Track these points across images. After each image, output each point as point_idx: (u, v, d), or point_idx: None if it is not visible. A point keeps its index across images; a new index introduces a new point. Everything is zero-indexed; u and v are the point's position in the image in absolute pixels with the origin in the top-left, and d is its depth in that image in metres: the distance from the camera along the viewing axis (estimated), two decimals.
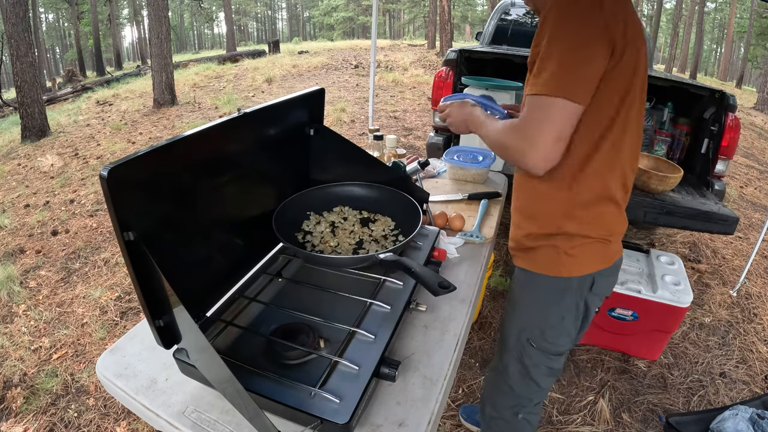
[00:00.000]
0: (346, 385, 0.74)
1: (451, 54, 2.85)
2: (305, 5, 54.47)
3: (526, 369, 1.16)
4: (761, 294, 2.76)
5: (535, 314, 1.11)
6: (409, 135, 5.56)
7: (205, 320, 0.89)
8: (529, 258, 1.08)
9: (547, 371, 1.16)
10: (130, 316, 2.44)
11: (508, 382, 1.21)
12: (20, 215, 3.73)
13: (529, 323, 1.13)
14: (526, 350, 1.14)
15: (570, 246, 1.01)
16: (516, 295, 1.16)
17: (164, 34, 7.20)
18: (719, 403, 1.92)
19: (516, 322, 1.15)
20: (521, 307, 1.14)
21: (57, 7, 26.37)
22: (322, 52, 13.60)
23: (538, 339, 1.11)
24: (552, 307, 1.08)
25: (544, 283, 1.06)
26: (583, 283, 1.04)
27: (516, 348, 1.16)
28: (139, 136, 5.85)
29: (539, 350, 1.12)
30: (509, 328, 1.18)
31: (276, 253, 1.13)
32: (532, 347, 1.13)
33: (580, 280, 1.04)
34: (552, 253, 1.03)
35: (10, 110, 8.69)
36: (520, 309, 1.14)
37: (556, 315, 1.08)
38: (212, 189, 0.91)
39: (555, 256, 1.02)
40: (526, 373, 1.16)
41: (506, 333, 1.19)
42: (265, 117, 0.99)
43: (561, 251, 1.01)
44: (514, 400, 1.23)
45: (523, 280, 1.12)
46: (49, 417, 1.81)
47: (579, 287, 1.04)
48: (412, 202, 1.15)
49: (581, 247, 1.01)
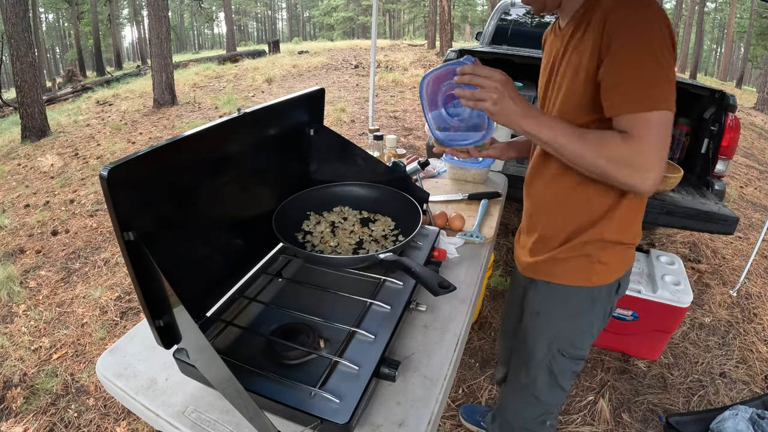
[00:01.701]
0: (346, 385, 0.74)
1: (451, 54, 2.85)
2: (305, 5, 54.48)
3: (554, 377, 1.13)
4: (761, 294, 2.75)
5: (565, 325, 1.07)
6: (409, 135, 5.56)
7: (205, 320, 0.89)
8: (557, 271, 1.04)
9: (572, 375, 1.14)
10: (130, 316, 2.44)
11: (535, 393, 1.17)
12: (20, 215, 3.73)
13: (558, 334, 1.09)
14: (556, 360, 1.10)
15: (604, 254, 0.98)
16: (539, 308, 1.10)
17: (164, 34, 7.20)
18: (719, 403, 1.92)
19: (544, 335, 1.10)
20: (548, 320, 1.09)
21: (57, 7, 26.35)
22: (322, 52, 13.60)
23: (569, 348, 1.08)
24: (583, 316, 1.05)
25: (574, 294, 1.03)
26: (612, 289, 1.03)
27: (545, 359, 1.12)
28: (139, 136, 5.85)
29: (569, 358, 1.10)
30: (536, 341, 1.12)
31: (276, 253, 1.13)
32: (563, 357, 1.09)
33: (609, 286, 1.02)
34: (584, 263, 0.99)
35: (10, 110, 8.70)
36: (547, 322, 1.09)
37: (586, 323, 1.06)
38: (212, 189, 0.91)
39: (588, 266, 0.99)
40: (555, 381, 1.13)
41: (533, 346, 1.13)
42: (265, 117, 0.99)
43: (594, 260, 0.98)
44: (541, 409, 1.19)
45: (546, 293, 1.07)
46: (49, 417, 1.81)
47: (608, 294, 1.03)
48: (412, 202, 1.14)
49: (614, 254, 0.98)
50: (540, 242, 1.06)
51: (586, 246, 0.98)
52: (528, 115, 0.82)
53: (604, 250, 0.97)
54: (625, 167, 0.77)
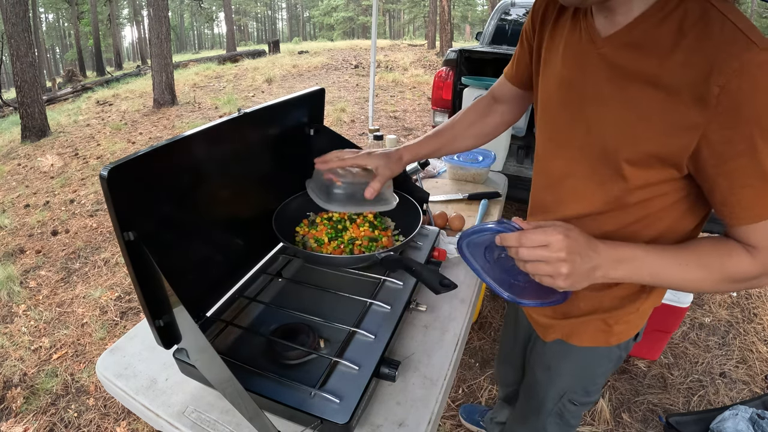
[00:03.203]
0: (346, 385, 0.74)
1: (451, 54, 2.85)
2: (305, 5, 54.50)
3: (565, 422, 1.09)
4: (761, 294, 2.75)
5: (579, 379, 1.01)
6: (409, 135, 5.57)
7: (205, 320, 0.89)
8: (573, 332, 0.92)
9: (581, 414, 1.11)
10: (130, 316, 2.44)
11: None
12: (20, 215, 3.73)
13: (570, 386, 1.03)
14: (567, 408, 1.06)
15: (624, 313, 0.86)
16: (550, 363, 1.01)
17: (164, 34, 7.20)
18: (719, 403, 1.92)
19: (556, 388, 1.04)
20: (560, 374, 1.01)
21: (57, 7, 26.38)
22: (322, 52, 13.60)
23: (581, 397, 1.04)
24: (598, 370, 0.99)
25: (591, 353, 0.94)
26: (630, 342, 0.94)
27: (556, 408, 1.07)
28: (139, 136, 5.86)
29: (580, 405, 1.06)
30: (546, 393, 1.06)
31: (276, 253, 1.13)
32: (574, 405, 1.05)
33: (629, 340, 0.93)
34: (602, 327, 0.88)
35: (10, 110, 8.70)
36: (559, 376, 1.02)
37: (601, 376, 1.00)
38: (212, 189, 0.91)
39: (606, 328, 0.88)
40: (566, 423, 1.10)
41: (543, 398, 1.07)
42: (265, 117, 0.99)
43: (612, 324, 0.87)
44: None
45: (560, 350, 0.97)
46: (49, 417, 1.81)
47: (626, 345, 0.94)
48: (412, 202, 1.14)
49: (636, 312, 0.86)
50: None
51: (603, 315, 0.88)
52: (616, 261, 0.62)
53: (623, 316, 0.87)
54: (756, 282, 0.63)
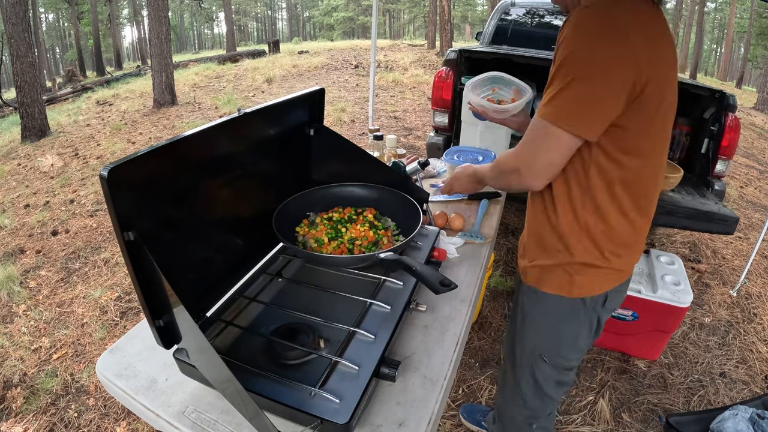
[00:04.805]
0: (346, 385, 0.74)
1: (451, 54, 2.85)
2: (305, 5, 54.47)
3: (538, 384, 1.13)
4: (761, 294, 2.75)
5: (549, 332, 1.08)
6: (409, 135, 5.56)
7: (205, 320, 0.89)
8: (541, 278, 1.04)
9: (559, 384, 1.14)
10: (130, 316, 2.44)
11: (522, 396, 1.18)
12: (20, 215, 3.72)
13: (542, 341, 1.10)
14: (538, 365, 1.11)
15: (579, 275, 0.98)
16: (526, 311, 1.11)
17: (164, 34, 7.20)
18: (719, 403, 1.92)
19: (528, 339, 1.12)
20: (533, 324, 1.10)
21: (57, 7, 26.37)
22: (322, 52, 13.59)
23: (552, 355, 1.09)
24: (566, 325, 1.05)
25: (557, 303, 1.03)
26: (596, 302, 1.01)
27: (528, 364, 1.13)
28: (139, 136, 5.85)
29: (552, 366, 1.10)
30: (520, 344, 1.14)
31: (276, 253, 1.13)
32: (544, 362, 1.10)
33: (593, 299, 1.01)
34: (563, 275, 0.99)
35: (10, 110, 8.69)
36: (532, 327, 1.10)
37: (570, 333, 1.06)
38: (212, 189, 0.91)
39: (567, 278, 0.99)
40: (539, 388, 1.14)
41: (517, 349, 1.15)
42: (265, 117, 0.99)
43: (573, 275, 0.98)
44: (527, 411, 1.20)
45: (534, 297, 1.07)
46: (49, 417, 1.81)
47: (592, 306, 1.02)
48: (412, 202, 1.14)
49: (590, 275, 0.98)
50: (528, 246, 1.07)
51: (562, 264, 0.99)
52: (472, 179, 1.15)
53: (578, 271, 0.98)
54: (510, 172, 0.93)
